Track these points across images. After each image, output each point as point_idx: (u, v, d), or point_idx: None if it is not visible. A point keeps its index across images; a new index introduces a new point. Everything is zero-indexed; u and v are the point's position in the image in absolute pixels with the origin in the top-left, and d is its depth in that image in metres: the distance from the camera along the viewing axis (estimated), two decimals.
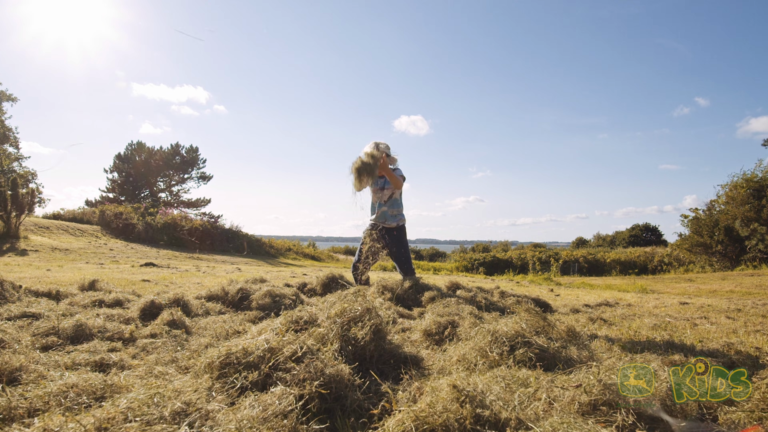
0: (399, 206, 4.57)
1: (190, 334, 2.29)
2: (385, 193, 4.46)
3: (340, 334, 1.58)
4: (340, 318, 1.63)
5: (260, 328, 1.70)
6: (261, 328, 1.71)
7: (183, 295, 2.88)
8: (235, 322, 2.49)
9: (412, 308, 3.21)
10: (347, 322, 1.61)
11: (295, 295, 3.21)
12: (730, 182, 18.98)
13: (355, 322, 1.61)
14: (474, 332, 1.79)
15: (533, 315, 1.78)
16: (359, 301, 1.71)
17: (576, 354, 1.64)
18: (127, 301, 2.84)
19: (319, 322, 1.70)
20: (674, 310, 4.29)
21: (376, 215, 4.52)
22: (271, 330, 1.56)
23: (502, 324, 1.73)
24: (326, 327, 1.60)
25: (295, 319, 1.74)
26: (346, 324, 1.61)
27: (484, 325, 1.79)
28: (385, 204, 4.49)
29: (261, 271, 10.58)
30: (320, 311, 1.77)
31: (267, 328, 1.67)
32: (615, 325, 3.07)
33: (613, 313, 3.82)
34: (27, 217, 17.95)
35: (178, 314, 2.39)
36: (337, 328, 1.59)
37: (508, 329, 1.67)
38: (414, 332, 2.24)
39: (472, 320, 2.12)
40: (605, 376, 1.29)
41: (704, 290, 9.15)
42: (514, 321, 1.71)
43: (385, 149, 4.34)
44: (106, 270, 9.05)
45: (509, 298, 3.98)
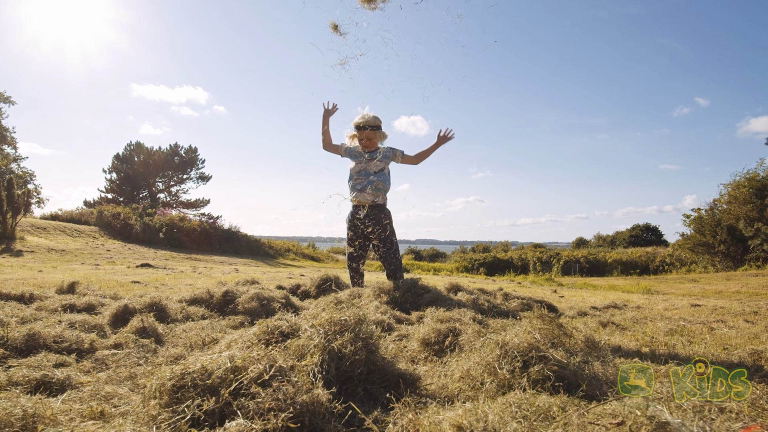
0: (387, 183, 4.29)
1: (161, 343, 2.08)
2: (375, 164, 4.20)
3: (323, 347, 1.34)
4: (324, 328, 1.40)
5: (230, 341, 1.47)
6: (231, 339, 1.48)
7: (161, 299, 2.67)
8: (215, 329, 2.28)
9: (410, 312, 3.01)
10: (333, 334, 1.38)
11: (285, 298, 3.00)
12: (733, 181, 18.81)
13: (343, 334, 1.38)
14: (480, 343, 1.56)
15: (546, 322, 1.56)
16: (349, 309, 1.49)
17: (601, 371, 1.39)
18: (101, 306, 2.62)
19: (299, 333, 1.46)
20: (687, 313, 4.10)
21: (360, 187, 4.19)
22: (242, 342, 1.36)
23: (511, 334, 1.50)
24: (306, 339, 1.37)
25: (271, 329, 1.50)
26: (331, 335, 1.38)
27: (492, 336, 1.56)
28: (374, 174, 4.20)
29: (258, 272, 10.40)
30: (303, 320, 1.53)
31: (239, 339, 1.46)
32: (628, 330, 2.88)
33: (623, 317, 3.62)
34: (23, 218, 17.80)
35: (149, 321, 2.18)
36: (319, 341, 1.35)
37: (520, 340, 1.43)
38: (411, 340, 2.02)
39: (476, 327, 1.90)
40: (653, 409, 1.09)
41: (709, 291, 8.96)
42: (525, 330, 1.48)
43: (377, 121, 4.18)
44: (100, 271, 8.86)
45: (513, 300, 3.78)
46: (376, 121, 4.16)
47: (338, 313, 1.44)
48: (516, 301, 3.72)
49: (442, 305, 2.97)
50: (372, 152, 4.23)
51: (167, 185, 34.96)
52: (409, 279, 3.66)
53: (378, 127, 4.17)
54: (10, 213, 15.68)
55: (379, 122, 4.20)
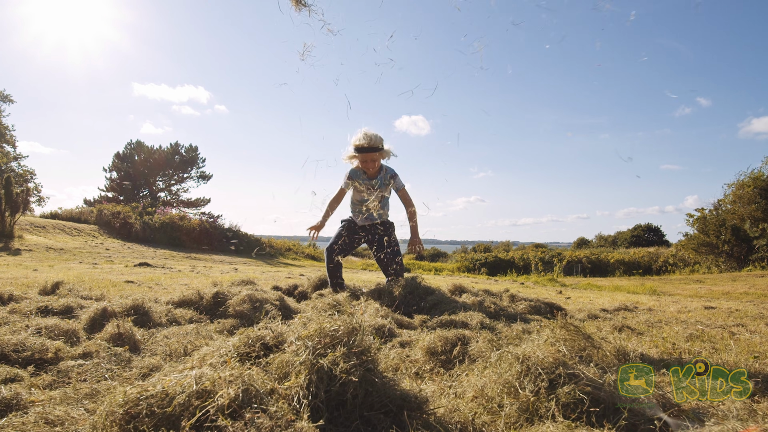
0: (387, 208, 4.26)
1: (137, 351, 1.88)
2: (377, 194, 4.07)
3: (311, 364, 1.12)
4: (313, 341, 1.18)
5: (204, 354, 1.26)
6: (206, 353, 1.28)
7: (144, 302, 2.48)
8: (200, 335, 2.08)
9: (413, 315, 2.83)
10: (323, 347, 1.17)
11: (280, 300, 2.81)
12: (737, 181, 18.62)
13: (334, 348, 1.17)
14: (495, 356, 1.34)
15: (572, 332, 1.37)
16: (341, 317, 1.26)
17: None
18: (80, 308, 2.43)
19: (285, 346, 1.26)
20: (702, 316, 3.92)
21: (365, 216, 4.15)
22: (218, 356, 1.18)
23: (532, 346, 1.30)
24: (291, 354, 1.17)
25: (253, 340, 1.30)
26: (321, 349, 1.17)
27: (510, 349, 1.34)
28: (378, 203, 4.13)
29: (257, 272, 10.25)
30: (290, 329, 1.35)
31: (215, 352, 1.27)
32: (645, 335, 2.71)
33: (636, 320, 3.45)
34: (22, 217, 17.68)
35: (126, 326, 1.97)
36: (306, 357, 1.14)
37: (544, 354, 1.23)
38: (415, 349, 1.83)
39: (488, 336, 1.69)
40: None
41: (716, 292, 8.77)
42: (546, 342, 1.29)
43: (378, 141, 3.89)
44: (96, 270, 8.71)
45: (520, 302, 3.61)
46: (377, 142, 3.87)
47: (329, 322, 1.24)
48: (523, 303, 3.55)
49: (447, 308, 2.80)
50: (374, 178, 4.03)
51: (168, 184, 34.84)
52: (411, 279, 3.51)
53: (380, 148, 3.89)
54: (9, 211, 15.57)
55: (381, 142, 3.91)
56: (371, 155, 3.84)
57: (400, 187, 4.09)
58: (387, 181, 4.04)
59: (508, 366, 1.26)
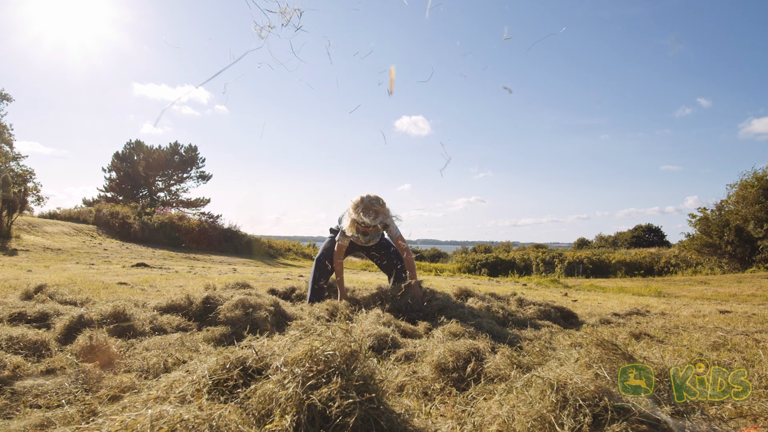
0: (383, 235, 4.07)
1: (110, 367, 1.66)
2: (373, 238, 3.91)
3: (299, 401, 0.90)
4: (303, 368, 0.97)
5: (171, 382, 1.06)
6: (174, 380, 1.07)
7: (126, 307, 2.28)
8: (185, 345, 1.92)
9: (416, 322, 2.66)
10: (315, 375, 0.95)
11: (275, 304, 2.62)
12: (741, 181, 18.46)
13: (329, 379, 0.95)
14: (522, 380, 1.14)
15: (609, 350, 1.19)
16: (340, 338, 1.04)
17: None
18: (57, 315, 2.24)
19: (269, 372, 1.03)
20: (719, 321, 3.74)
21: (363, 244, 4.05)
22: (189, 384, 1.00)
23: (567, 369, 1.09)
24: (276, 384, 0.95)
25: (232, 364, 1.08)
26: (313, 380, 0.95)
27: (540, 372, 1.12)
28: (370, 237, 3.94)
29: (256, 272, 10.10)
30: (278, 349, 1.14)
31: (185, 379, 1.06)
32: (666, 344, 2.54)
33: (651, 325, 3.28)
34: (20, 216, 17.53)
35: (101, 337, 1.78)
36: (294, 390, 0.92)
37: (583, 382, 1.01)
38: (423, 364, 1.63)
39: (507, 352, 1.46)
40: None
41: (723, 293, 8.59)
42: (581, 363, 1.11)
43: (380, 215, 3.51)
44: (91, 271, 8.56)
45: (529, 306, 3.43)
46: (379, 215, 3.51)
47: (323, 342, 1.02)
48: (532, 307, 3.37)
49: (453, 313, 2.63)
50: (368, 236, 3.79)
51: (167, 184, 34.69)
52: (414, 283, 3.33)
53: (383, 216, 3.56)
54: (6, 211, 15.43)
55: (383, 209, 3.57)
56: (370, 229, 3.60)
57: (395, 235, 3.77)
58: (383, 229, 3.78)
59: (539, 394, 1.04)
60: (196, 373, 1.10)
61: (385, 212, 3.55)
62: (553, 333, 2.67)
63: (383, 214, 3.53)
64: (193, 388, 1.02)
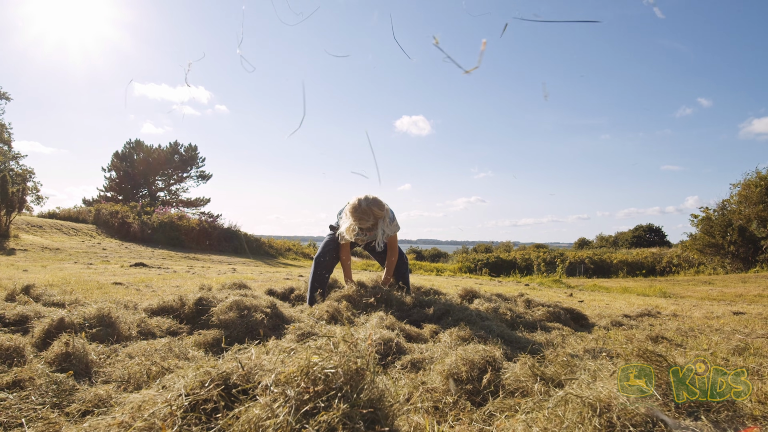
0: None
1: (87, 376, 1.53)
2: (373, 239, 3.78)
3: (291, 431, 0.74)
4: (297, 388, 0.80)
5: (140, 402, 0.90)
6: (144, 399, 0.91)
7: (111, 310, 2.11)
8: (173, 351, 1.77)
9: (421, 325, 2.53)
10: (312, 399, 0.79)
11: (272, 306, 2.48)
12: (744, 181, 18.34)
13: (328, 403, 0.78)
14: (554, 401, 0.97)
15: (653, 361, 1.05)
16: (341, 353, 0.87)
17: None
18: (38, 318, 2.10)
19: (257, 391, 0.87)
20: (735, 323, 3.61)
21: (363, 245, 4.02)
22: (161, 405, 0.83)
23: (609, 389, 0.93)
24: (264, 410, 0.78)
25: (213, 381, 0.92)
26: (309, 403, 0.79)
27: (576, 390, 0.96)
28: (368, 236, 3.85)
29: (255, 272, 9.99)
30: (269, 363, 0.97)
31: (157, 398, 0.90)
32: (686, 348, 2.42)
33: (665, 327, 3.15)
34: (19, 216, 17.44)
35: (78, 343, 1.62)
36: (285, 418, 0.76)
37: (632, 404, 0.88)
38: (432, 374, 1.47)
39: (528, 361, 1.30)
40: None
41: (729, 294, 8.47)
42: (624, 378, 0.98)
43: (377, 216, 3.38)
44: (88, 271, 8.45)
45: (537, 308, 3.30)
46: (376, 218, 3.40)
47: (322, 358, 0.84)
48: (541, 309, 3.25)
49: (460, 316, 2.50)
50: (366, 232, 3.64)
51: (167, 184, 34.58)
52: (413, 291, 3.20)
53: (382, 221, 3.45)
54: (4, 210, 15.33)
55: (380, 214, 3.43)
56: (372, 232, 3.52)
57: (391, 233, 3.64)
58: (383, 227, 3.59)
59: (577, 417, 0.89)
60: (172, 391, 0.94)
61: (384, 215, 3.41)
62: (564, 336, 2.55)
63: (382, 218, 3.39)
64: (166, 410, 0.87)
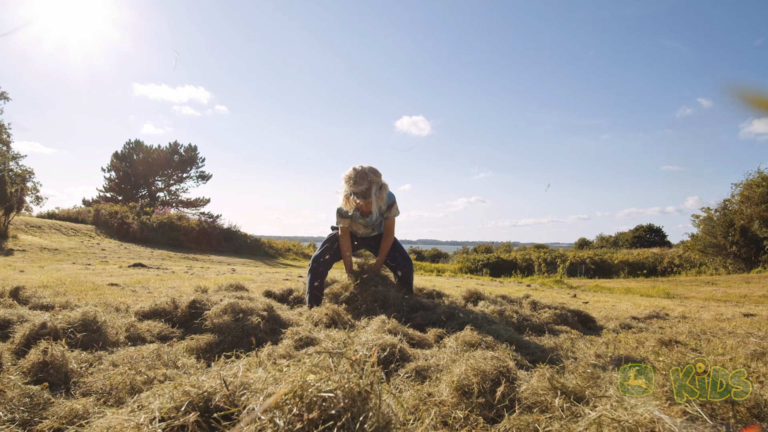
0: None
1: (65, 387, 1.41)
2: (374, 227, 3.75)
3: None
4: (289, 416, 0.68)
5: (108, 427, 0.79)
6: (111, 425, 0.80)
7: (96, 314, 1.99)
8: (162, 359, 1.66)
9: (425, 328, 2.43)
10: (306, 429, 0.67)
11: (268, 309, 2.37)
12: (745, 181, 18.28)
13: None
14: (585, 423, 0.87)
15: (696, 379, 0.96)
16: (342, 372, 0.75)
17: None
18: (21, 322, 1.97)
19: (241, 417, 0.74)
20: (748, 326, 3.50)
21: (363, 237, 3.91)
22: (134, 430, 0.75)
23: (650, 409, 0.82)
24: None
25: (192, 404, 0.81)
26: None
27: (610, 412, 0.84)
28: (372, 230, 3.79)
29: (255, 273, 9.90)
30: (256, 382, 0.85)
31: (128, 424, 0.78)
32: (702, 353, 2.33)
33: (676, 330, 3.05)
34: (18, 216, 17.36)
35: (58, 351, 1.50)
36: None
37: (678, 427, 0.76)
38: (440, 384, 1.34)
39: (547, 373, 1.23)
40: None
41: (732, 294, 8.38)
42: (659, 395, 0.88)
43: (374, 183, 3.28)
44: (86, 271, 8.36)
45: (543, 310, 3.21)
46: (372, 183, 3.29)
47: (319, 378, 0.72)
48: (547, 311, 3.15)
49: (465, 319, 2.41)
50: (369, 214, 3.55)
51: (167, 184, 34.50)
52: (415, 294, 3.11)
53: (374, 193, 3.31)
54: (3, 211, 15.26)
55: (377, 182, 3.33)
56: (365, 201, 3.34)
57: (390, 216, 3.57)
58: (384, 212, 3.52)
59: None
60: (146, 413, 0.82)
61: (379, 181, 3.33)
62: (573, 340, 2.46)
63: (376, 184, 3.31)
64: None
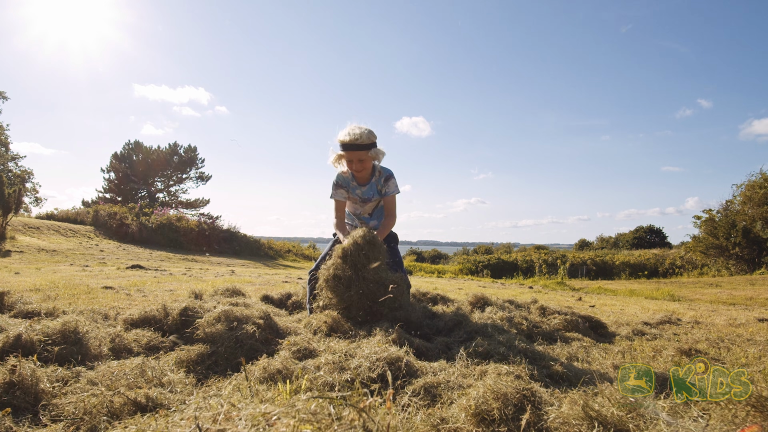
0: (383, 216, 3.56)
1: (31, 412, 1.25)
2: (369, 206, 3.46)
3: None
4: None
5: None
6: None
7: (78, 324, 1.84)
8: (146, 375, 1.51)
9: (431, 338, 2.30)
10: None
11: (265, 317, 2.23)
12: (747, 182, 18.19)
13: None
14: None
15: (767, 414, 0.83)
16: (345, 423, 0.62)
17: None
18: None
19: None
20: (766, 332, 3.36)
21: None
22: None
23: None
24: None
25: None
26: None
27: None
28: (371, 216, 3.51)
29: (254, 275, 9.78)
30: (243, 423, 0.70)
31: None
32: (726, 364, 2.20)
33: (692, 337, 2.91)
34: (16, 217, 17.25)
35: (27, 369, 1.34)
36: None
37: None
38: (453, 408, 1.20)
39: (579, 399, 1.08)
40: None
41: (738, 297, 8.26)
42: None
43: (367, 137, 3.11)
44: (83, 273, 8.25)
45: (553, 316, 3.08)
46: (368, 138, 3.12)
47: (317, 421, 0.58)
48: (557, 317, 3.02)
49: (474, 327, 2.28)
50: (365, 185, 3.34)
51: (166, 185, 34.38)
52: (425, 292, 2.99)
53: (371, 145, 3.13)
54: (0, 212, 15.15)
55: (374, 138, 3.17)
56: (358, 154, 3.11)
57: (389, 192, 3.34)
58: (381, 186, 3.35)
59: None
60: None
61: (374, 139, 3.17)
62: (587, 348, 2.33)
63: (370, 139, 3.14)
64: None
